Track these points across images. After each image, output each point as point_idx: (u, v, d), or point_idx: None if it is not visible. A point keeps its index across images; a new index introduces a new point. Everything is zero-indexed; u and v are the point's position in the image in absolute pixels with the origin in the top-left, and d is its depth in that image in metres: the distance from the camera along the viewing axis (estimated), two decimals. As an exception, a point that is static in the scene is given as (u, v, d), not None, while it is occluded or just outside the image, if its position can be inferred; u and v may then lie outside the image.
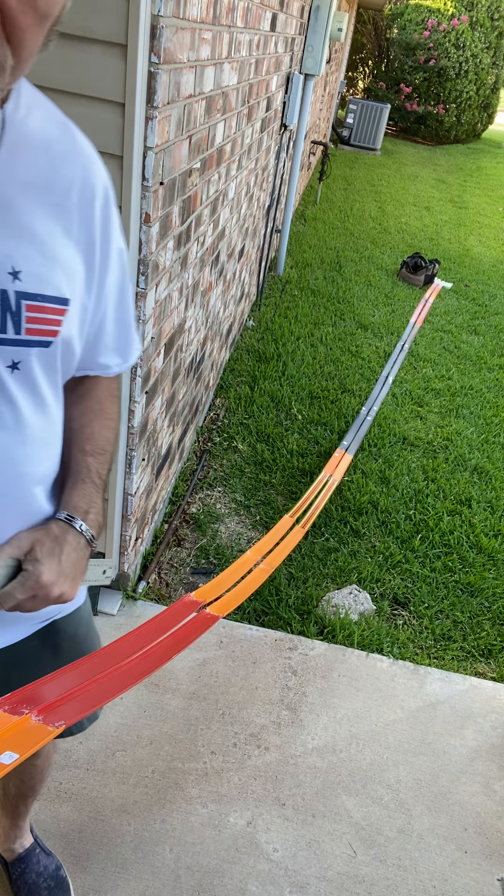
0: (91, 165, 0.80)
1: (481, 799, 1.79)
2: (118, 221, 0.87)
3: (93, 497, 0.93)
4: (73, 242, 0.78)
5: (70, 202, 0.77)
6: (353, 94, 14.59)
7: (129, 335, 0.97)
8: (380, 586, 2.47)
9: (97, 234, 0.81)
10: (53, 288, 0.76)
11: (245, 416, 3.32)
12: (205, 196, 2.15)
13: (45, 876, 1.43)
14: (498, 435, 3.57)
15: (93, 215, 0.80)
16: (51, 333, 0.77)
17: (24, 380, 0.78)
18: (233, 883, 1.53)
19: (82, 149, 0.79)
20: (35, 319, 0.75)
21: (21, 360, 0.76)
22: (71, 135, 0.78)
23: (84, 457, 0.94)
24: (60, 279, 0.76)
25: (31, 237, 0.73)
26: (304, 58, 4.30)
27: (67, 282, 0.78)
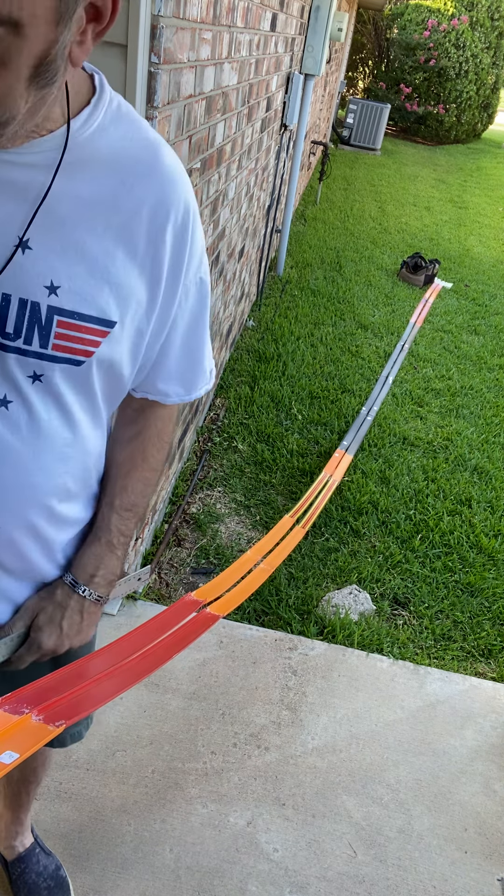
0: (170, 188, 0.77)
1: (481, 799, 1.79)
2: (199, 248, 0.84)
3: (103, 558, 0.93)
4: (138, 266, 0.76)
5: (138, 224, 0.75)
6: (353, 94, 14.59)
7: (196, 367, 0.93)
8: (380, 586, 2.47)
9: (166, 260, 0.78)
10: (96, 308, 0.74)
11: (245, 416, 3.32)
12: (205, 196, 2.15)
13: (45, 876, 1.43)
14: (498, 435, 3.57)
15: (163, 240, 0.77)
16: (84, 353, 0.76)
17: (47, 392, 0.77)
18: (233, 883, 1.53)
19: (162, 170, 0.76)
20: (66, 336, 0.73)
21: (44, 374, 0.75)
22: (152, 155, 0.76)
23: (110, 512, 0.94)
24: (108, 301, 0.75)
25: (82, 255, 0.72)
26: (304, 58, 4.30)
27: (119, 304, 0.76)
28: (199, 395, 0.95)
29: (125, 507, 0.94)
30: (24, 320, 0.71)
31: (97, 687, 0.98)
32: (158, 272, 0.78)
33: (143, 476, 0.96)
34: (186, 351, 0.90)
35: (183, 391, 0.93)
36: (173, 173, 0.78)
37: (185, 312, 0.85)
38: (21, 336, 0.72)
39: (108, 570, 0.94)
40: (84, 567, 0.92)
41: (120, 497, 0.94)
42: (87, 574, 0.92)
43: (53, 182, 0.69)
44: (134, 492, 0.95)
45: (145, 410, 0.95)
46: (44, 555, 0.90)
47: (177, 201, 0.78)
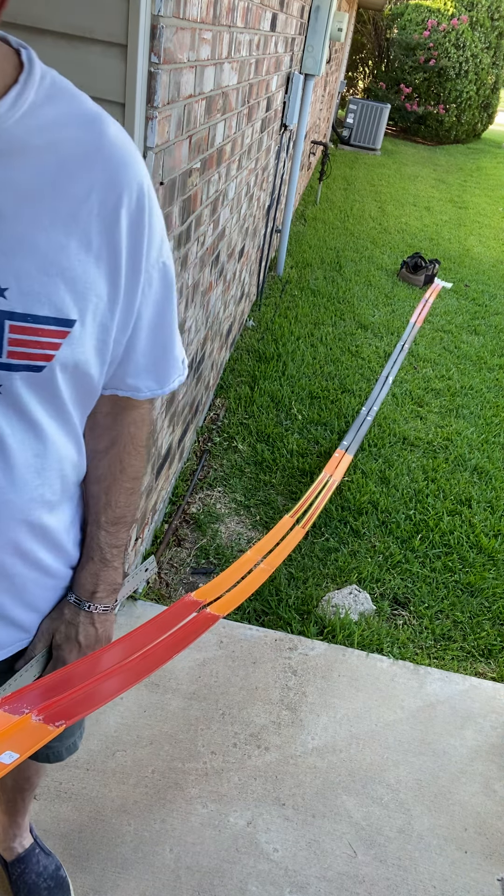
0: (120, 167, 0.70)
1: (481, 799, 1.79)
2: (158, 232, 0.77)
3: (100, 574, 0.93)
4: (94, 256, 0.70)
5: (87, 212, 0.68)
6: (353, 94, 14.59)
7: (167, 357, 0.87)
8: (380, 586, 2.47)
9: (123, 248, 0.72)
10: (52, 308, 0.68)
11: (245, 416, 3.32)
12: (205, 196, 2.15)
13: (45, 876, 1.43)
14: (498, 435, 3.57)
15: (118, 226, 0.71)
16: (43, 357, 0.70)
17: (8, 404, 0.71)
18: (233, 883, 1.53)
19: (109, 150, 0.69)
20: (21, 342, 0.68)
21: (2, 385, 0.69)
22: (96, 133, 0.69)
23: (97, 530, 0.92)
24: (64, 298, 0.69)
25: (29, 251, 0.66)
26: (304, 58, 4.30)
27: (77, 301, 0.70)
28: (173, 388, 0.90)
29: (112, 521, 0.92)
30: None
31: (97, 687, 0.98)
32: (116, 261, 0.72)
33: (125, 487, 0.92)
34: (155, 341, 0.84)
35: (155, 384, 0.88)
36: (122, 151, 0.71)
37: (149, 301, 0.80)
38: None
39: (108, 583, 0.94)
40: (83, 586, 0.93)
41: (105, 513, 0.92)
42: (87, 592, 0.93)
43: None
44: (118, 505, 0.92)
45: (117, 415, 0.90)
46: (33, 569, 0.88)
47: (128, 182, 0.71)
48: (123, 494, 0.92)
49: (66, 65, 1.34)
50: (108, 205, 0.69)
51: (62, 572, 0.92)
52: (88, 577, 0.93)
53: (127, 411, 0.90)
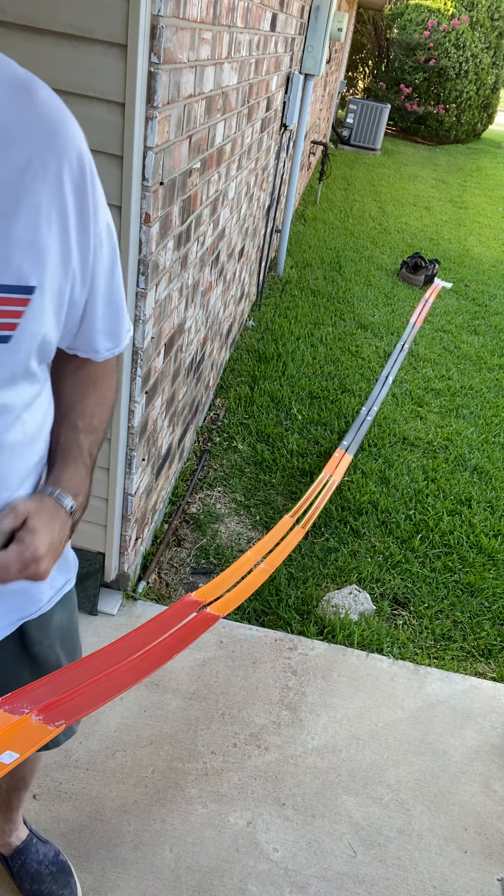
0: (56, 131, 0.69)
1: (481, 799, 1.79)
2: (101, 194, 0.78)
3: (83, 479, 0.90)
4: (44, 222, 0.70)
5: (31, 177, 0.68)
6: (353, 94, 14.59)
7: (119, 317, 0.90)
8: (380, 586, 2.47)
9: (70, 211, 0.72)
10: (11, 276, 0.68)
11: (245, 416, 3.32)
12: (205, 196, 2.15)
13: (46, 863, 1.43)
14: (498, 435, 3.57)
15: (62, 189, 0.71)
16: (8, 327, 0.70)
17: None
18: (233, 883, 1.53)
19: (45, 113, 0.68)
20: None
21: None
22: (29, 98, 0.67)
23: (76, 434, 0.90)
24: (22, 265, 0.69)
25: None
26: (304, 58, 4.30)
27: (33, 267, 0.70)
28: (126, 344, 0.93)
29: (88, 429, 0.92)
30: None
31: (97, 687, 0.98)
32: (66, 226, 0.73)
33: (98, 399, 0.93)
34: (109, 303, 0.86)
35: (112, 344, 0.91)
36: (56, 115, 0.70)
37: (102, 263, 0.81)
38: None
39: (85, 493, 0.91)
40: (66, 486, 0.86)
41: (82, 419, 0.91)
42: (71, 492, 0.87)
43: None
44: (94, 415, 0.92)
45: (77, 362, 0.93)
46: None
47: (67, 146, 0.70)
48: (99, 406, 0.93)
49: (67, 65, 1.34)
50: (50, 169, 0.69)
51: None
52: (73, 479, 0.88)
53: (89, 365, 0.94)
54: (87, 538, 2.02)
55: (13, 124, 0.66)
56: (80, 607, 2.07)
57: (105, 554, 2.05)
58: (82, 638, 2.01)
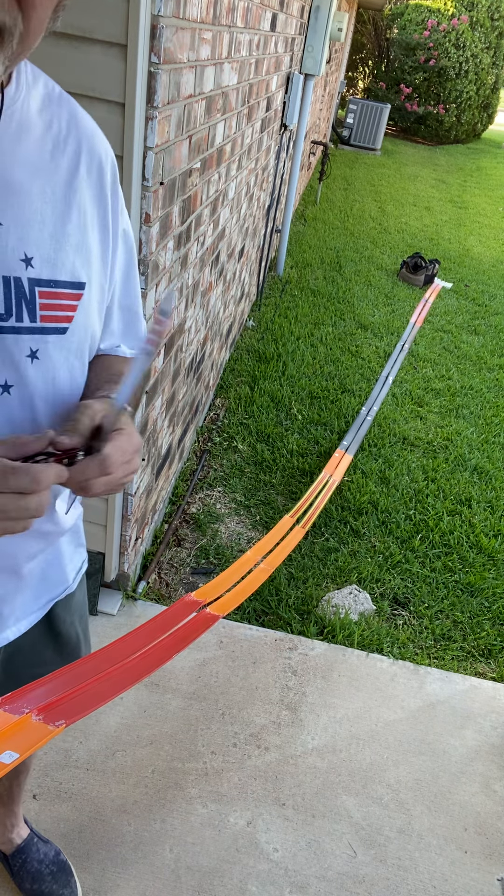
0: (94, 137, 0.77)
1: (481, 799, 1.79)
2: (122, 197, 0.84)
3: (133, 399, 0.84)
4: (88, 221, 0.76)
5: (80, 179, 0.75)
6: (353, 94, 14.59)
7: (137, 324, 0.93)
8: (380, 586, 2.47)
9: (109, 211, 0.79)
10: (68, 272, 0.74)
11: (245, 416, 3.32)
12: (205, 196, 2.15)
13: (47, 862, 1.44)
14: (498, 435, 3.57)
15: (104, 191, 0.78)
16: (66, 319, 0.76)
17: (44, 369, 0.76)
18: (233, 883, 1.53)
19: (83, 121, 0.77)
20: (49, 306, 0.73)
21: (39, 349, 0.74)
22: (70, 108, 0.76)
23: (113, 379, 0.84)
24: (75, 262, 0.75)
25: (42, 221, 0.71)
26: (304, 58, 4.30)
27: (83, 264, 0.76)
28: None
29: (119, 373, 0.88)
30: (12, 298, 0.70)
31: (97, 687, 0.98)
32: (105, 225, 0.79)
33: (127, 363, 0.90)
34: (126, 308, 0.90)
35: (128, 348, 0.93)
36: (91, 123, 0.78)
37: (119, 266, 0.85)
38: (13, 314, 0.71)
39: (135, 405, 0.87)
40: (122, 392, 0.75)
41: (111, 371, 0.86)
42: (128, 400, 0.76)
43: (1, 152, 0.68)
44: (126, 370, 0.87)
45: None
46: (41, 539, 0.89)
47: (103, 150, 0.78)
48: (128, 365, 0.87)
49: (67, 65, 1.34)
50: (93, 172, 0.76)
51: None
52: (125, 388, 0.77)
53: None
54: (87, 538, 2.01)
55: (64, 133, 0.74)
56: (80, 607, 2.07)
57: (105, 554, 2.05)
58: (82, 638, 2.01)
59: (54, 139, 0.73)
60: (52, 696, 0.93)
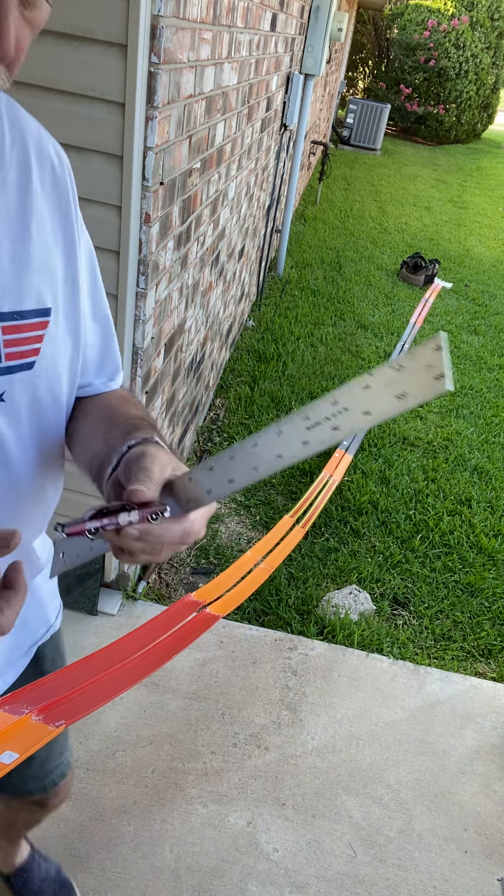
0: (42, 142, 0.67)
1: (481, 799, 1.79)
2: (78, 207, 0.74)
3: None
4: (50, 237, 0.67)
5: (34, 192, 0.65)
6: (353, 94, 14.59)
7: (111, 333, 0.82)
8: (380, 586, 2.47)
9: (74, 222, 0.69)
10: (33, 299, 0.65)
11: (245, 416, 3.32)
12: (205, 196, 2.15)
13: (49, 880, 1.42)
14: (498, 435, 3.57)
15: (65, 200, 0.68)
16: (32, 353, 0.67)
17: (12, 412, 0.67)
18: (233, 883, 1.53)
19: (28, 125, 0.66)
20: (14, 342, 0.64)
21: (4, 391, 0.65)
22: (10, 112, 0.65)
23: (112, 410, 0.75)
24: (39, 286, 0.65)
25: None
26: (304, 58, 4.30)
27: (48, 287, 0.67)
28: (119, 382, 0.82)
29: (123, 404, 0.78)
30: None
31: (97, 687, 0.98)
32: (69, 237, 0.69)
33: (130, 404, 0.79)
34: (101, 332, 0.79)
35: (106, 379, 0.82)
36: (38, 125, 0.68)
37: (86, 274, 0.75)
38: None
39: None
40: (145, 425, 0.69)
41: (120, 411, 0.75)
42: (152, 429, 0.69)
43: None
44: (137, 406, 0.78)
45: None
46: None
47: (59, 154, 0.69)
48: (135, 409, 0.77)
49: (67, 65, 1.34)
50: (47, 181, 0.66)
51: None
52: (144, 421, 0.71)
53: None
54: (87, 538, 2.01)
55: (8, 141, 0.63)
56: (80, 607, 2.07)
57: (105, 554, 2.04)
58: (82, 638, 2.02)
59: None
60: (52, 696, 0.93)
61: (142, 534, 0.57)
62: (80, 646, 1.98)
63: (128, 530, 0.56)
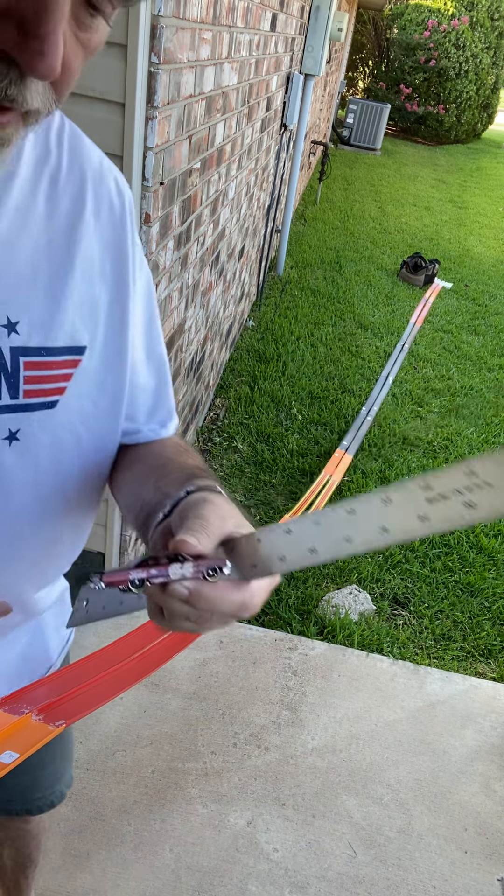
0: (104, 173, 0.64)
1: (481, 799, 1.79)
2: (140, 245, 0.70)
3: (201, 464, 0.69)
4: (97, 273, 0.63)
5: (85, 224, 0.61)
6: (353, 94, 14.59)
7: (165, 375, 0.76)
8: (380, 586, 2.47)
9: (129, 261, 0.65)
10: (66, 336, 0.60)
11: (245, 416, 3.32)
12: (205, 196, 2.15)
13: None
14: (498, 435, 3.57)
15: (121, 237, 0.64)
16: (56, 392, 0.62)
17: (26, 453, 0.62)
18: (233, 883, 1.53)
19: (89, 154, 0.63)
20: (36, 378, 0.60)
21: (20, 429, 0.61)
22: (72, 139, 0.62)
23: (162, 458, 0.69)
24: (75, 322, 0.61)
25: (34, 276, 0.58)
26: (304, 58, 4.30)
27: (86, 323, 0.62)
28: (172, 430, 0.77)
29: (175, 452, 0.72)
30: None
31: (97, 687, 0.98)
32: (122, 276, 0.65)
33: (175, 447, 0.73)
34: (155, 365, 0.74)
35: (157, 426, 0.76)
36: (101, 154, 0.64)
37: (140, 312, 0.71)
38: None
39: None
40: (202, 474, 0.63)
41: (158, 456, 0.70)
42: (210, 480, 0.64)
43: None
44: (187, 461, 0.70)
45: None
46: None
47: (120, 187, 0.65)
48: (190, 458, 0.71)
49: (66, 65, 1.33)
50: (103, 215, 0.63)
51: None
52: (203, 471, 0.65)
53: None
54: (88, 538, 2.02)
55: (65, 170, 0.60)
56: (80, 607, 2.07)
57: (105, 554, 2.05)
58: (82, 638, 2.01)
59: (51, 177, 0.59)
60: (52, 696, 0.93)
61: (192, 595, 0.47)
62: (81, 646, 1.98)
63: (175, 588, 0.47)
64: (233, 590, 0.48)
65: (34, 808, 1.08)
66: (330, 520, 0.44)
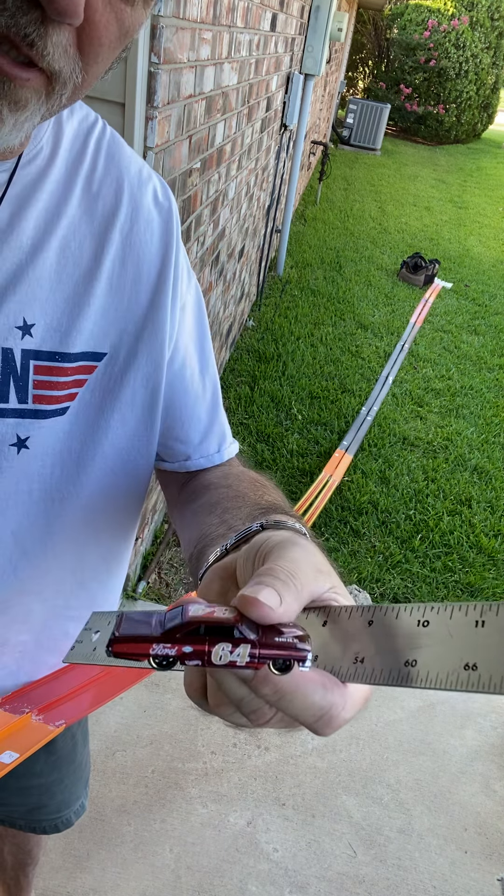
0: (142, 181, 0.62)
1: (481, 799, 1.79)
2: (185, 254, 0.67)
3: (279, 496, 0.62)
4: (131, 279, 0.61)
5: (116, 231, 0.60)
6: (353, 94, 14.59)
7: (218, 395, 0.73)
8: (380, 586, 2.47)
9: (171, 275, 0.63)
10: (83, 342, 0.59)
11: (245, 416, 3.32)
12: (205, 196, 2.15)
13: None
14: (498, 435, 3.57)
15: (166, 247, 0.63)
16: (67, 398, 0.60)
17: (34, 462, 0.60)
18: (233, 883, 1.53)
19: (127, 159, 0.62)
20: (46, 384, 0.58)
21: (29, 436, 0.59)
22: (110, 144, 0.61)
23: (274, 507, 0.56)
24: (96, 329, 0.59)
25: (58, 280, 0.57)
26: (304, 58, 4.30)
27: (108, 331, 0.60)
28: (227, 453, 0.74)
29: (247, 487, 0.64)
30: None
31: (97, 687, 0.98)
32: (163, 286, 0.63)
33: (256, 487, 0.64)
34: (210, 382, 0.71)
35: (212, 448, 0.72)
36: (139, 160, 0.63)
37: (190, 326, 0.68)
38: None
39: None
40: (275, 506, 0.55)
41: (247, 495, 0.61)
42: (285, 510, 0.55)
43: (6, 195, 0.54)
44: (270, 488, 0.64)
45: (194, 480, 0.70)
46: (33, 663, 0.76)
47: (162, 194, 0.64)
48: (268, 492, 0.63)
49: (66, 65, 1.33)
50: (138, 219, 0.61)
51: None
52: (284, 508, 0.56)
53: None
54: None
55: (100, 173, 0.60)
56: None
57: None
58: (82, 638, 2.01)
59: (86, 181, 0.58)
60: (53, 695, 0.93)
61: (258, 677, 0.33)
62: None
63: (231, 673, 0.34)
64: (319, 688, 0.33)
65: (38, 829, 1.08)
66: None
